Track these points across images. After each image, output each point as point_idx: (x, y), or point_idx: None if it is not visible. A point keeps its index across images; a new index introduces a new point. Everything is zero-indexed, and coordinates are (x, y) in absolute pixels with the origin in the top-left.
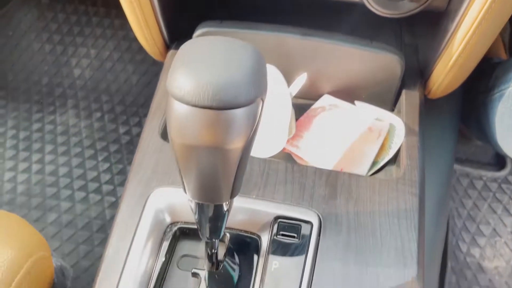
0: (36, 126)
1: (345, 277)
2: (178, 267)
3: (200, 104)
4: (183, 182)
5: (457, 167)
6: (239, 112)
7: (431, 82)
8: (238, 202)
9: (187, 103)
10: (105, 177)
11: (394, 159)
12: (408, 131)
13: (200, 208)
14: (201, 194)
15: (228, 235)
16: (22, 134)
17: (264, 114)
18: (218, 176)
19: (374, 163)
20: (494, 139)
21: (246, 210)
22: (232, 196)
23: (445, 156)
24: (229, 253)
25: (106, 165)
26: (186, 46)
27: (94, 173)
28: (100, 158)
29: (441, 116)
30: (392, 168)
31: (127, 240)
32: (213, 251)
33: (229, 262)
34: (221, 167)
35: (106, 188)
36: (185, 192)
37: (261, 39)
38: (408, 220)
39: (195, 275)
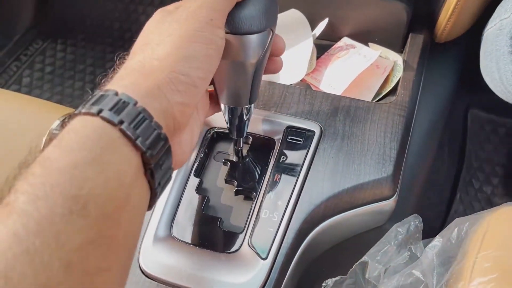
0: (109, 64)
1: (334, 171)
2: (214, 159)
3: (226, 31)
4: (216, 93)
5: (482, 114)
6: (253, 37)
7: (437, 27)
8: (261, 115)
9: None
10: None
11: (394, 92)
12: (407, 67)
13: (229, 110)
14: (229, 99)
15: (251, 137)
16: (97, 71)
17: (289, 51)
18: (239, 84)
19: (377, 94)
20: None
21: (266, 121)
22: (250, 101)
23: (442, 91)
24: (252, 153)
25: None
26: None
27: None
28: None
29: (445, 58)
30: (391, 98)
31: None
32: (238, 148)
33: (251, 157)
34: (242, 77)
35: None
36: (219, 100)
37: None
38: (392, 134)
39: (225, 163)
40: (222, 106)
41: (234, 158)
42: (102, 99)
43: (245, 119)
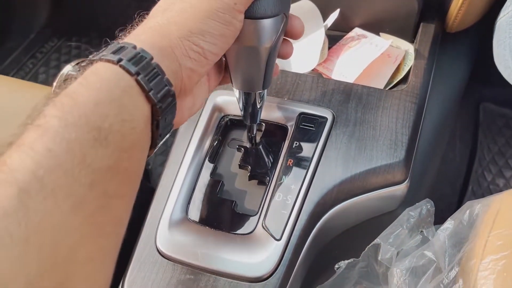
0: None
1: (346, 156)
2: (228, 146)
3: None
4: (231, 78)
5: (494, 107)
6: (267, 21)
7: (448, 17)
8: (274, 102)
9: None
10: None
11: (406, 80)
12: (418, 56)
13: (243, 95)
14: (243, 84)
15: (264, 124)
16: None
17: (301, 41)
18: (253, 69)
19: (389, 83)
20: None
21: (279, 108)
22: (264, 87)
23: (454, 80)
24: (265, 140)
25: None
26: None
27: None
28: None
29: (457, 48)
30: (402, 86)
31: (191, 127)
32: (252, 134)
33: (264, 143)
34: (256, 62)
35: None
36: (233, 86)
37: None
38: (404, 120)
39: (239, 149)
40: (236, 91)
41: (248, 145)
42: (122, 50)
43: (258, 105)
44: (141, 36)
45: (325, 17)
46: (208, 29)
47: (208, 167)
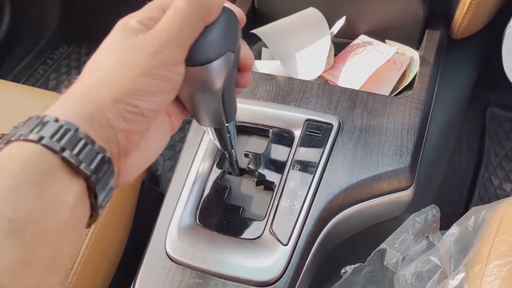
0: None
1: (352, 162)
2: None
3: (186, 64)
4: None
5: (500, 112)
6: (213, 65)
7: (453, 24)
8: (281, 108)
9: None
10: None
11: (411, 86)
12: (424, 62)
13: (210, 129)
14: (205, 122)
15: (271, 131)
16: None
17: (307, 48)
18: (210, 110)
19: (394, 89)
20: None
21: (286, 114)
22: (227, 121)
23: (460, 87)
24: (272, 146)
25: None
26: None
27: None
28: None
29: (462, 54)
30: (408, 93)
31: (200, 133)
32: (233, 160)
33: (271, 150)
34: (211, 103)
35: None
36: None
37: None
38: (409, 126)
39: (246, 155)
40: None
41: (233, 172)
42: (43, 126)
43: (227, 136)
44: (67, 105)
45: (331, 24)
46: (144, 87)
47: (216, 173)
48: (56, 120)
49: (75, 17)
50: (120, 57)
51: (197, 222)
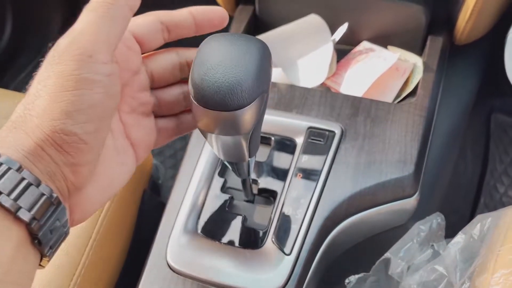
0: None
1: (355, 169)
2: None
3: (211, 107)
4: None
5: (505, 118)
6: (243, 111)
7: (456, 29)
8: (283, 116)
9: (201, 106)
10: None
11: (414, 93)
12: (426, 69)
13: (229, 163)
14: (226, 159)
15: (273, 138)
16: None
17: (309, 55)
18: (235, 151)
19: (397, 96)
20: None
21: (288, 122)
22: (250, 156)
23: (464, 93)
24: (274, 154)
25: None
26: (202, 47)
27: None
28: None
29: (465, 60)
30: (411, 99)
31: (201, 142)
32: (247, 187)
33: (273, 158)
34: (236, 146)
35: None
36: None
37: None
38: (413, 133)
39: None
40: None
41: (246, 196)
42: None
43: (245, 168)
44: (7, 138)
45: (332, 31)
46: (70, 106)
47: (218, 181)
48: None
49: None
50: (42, 78)
51: (199, 232)
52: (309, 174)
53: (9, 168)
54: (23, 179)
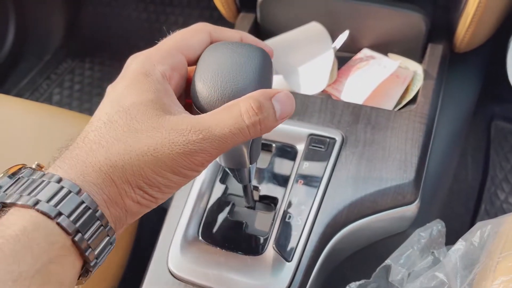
0: None
1: (356, 176)
2: None
3: None
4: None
5: (505, 125)
6: None
7: (456, 37)
8: (284, 123)
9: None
10: None
11: (415, 100)
12: (427, 76)
13: (228, 169)
14: (227, 165)
15: (274, 145)
16: None
17: (310, 63)
18: (236, 158)
19: (398, 104)
20: None
21: (289, 129)
22: (251, 163)
23: (464, 100)
24: (275, 160)
25: None
26: (204, 55)
27: None
28: None
29: (466, 68)
30: (411, 107)
31: None
32: (248, 194)
33: (274, 164)
34: (238, 151)
35: None
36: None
37: (310, 2)
38: (413, 140)
39: (256, 188)
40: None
41: (247, 203)
42: (62, 197)
43: (246, 174)
44: (89, 177)
45: (333, 39)
46: (167, 182)
47: (219, 188)
48: (78, 192)
49: (79, 32)
50: (145, 141)
51: (200, 238)
52: (310, 181)
53: (88, 208)
54: (96, 220)
